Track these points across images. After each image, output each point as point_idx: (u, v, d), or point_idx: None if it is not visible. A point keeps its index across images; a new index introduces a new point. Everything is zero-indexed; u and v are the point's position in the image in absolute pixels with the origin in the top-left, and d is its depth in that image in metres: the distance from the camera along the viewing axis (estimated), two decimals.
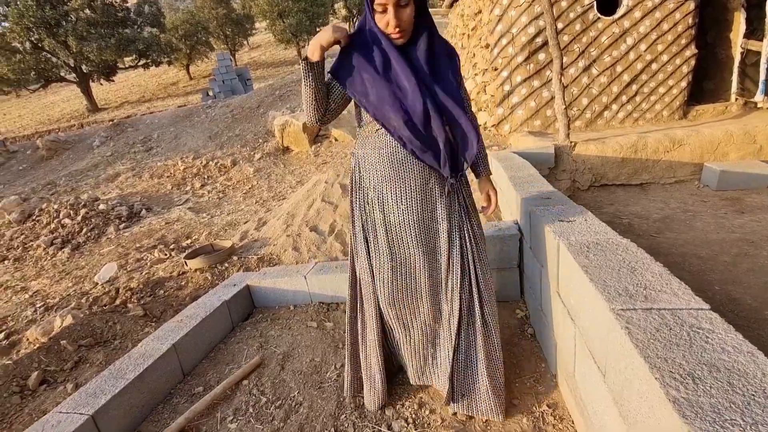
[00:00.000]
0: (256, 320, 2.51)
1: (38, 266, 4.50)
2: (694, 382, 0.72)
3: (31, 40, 18.98)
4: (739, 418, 0.64)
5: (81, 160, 8.85)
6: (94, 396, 1.66)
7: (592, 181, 4.33)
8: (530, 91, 5.60)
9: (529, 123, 5.71)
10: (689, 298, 0.99)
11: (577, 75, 5.53)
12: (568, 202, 1.98)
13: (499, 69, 5.84)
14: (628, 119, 5.70)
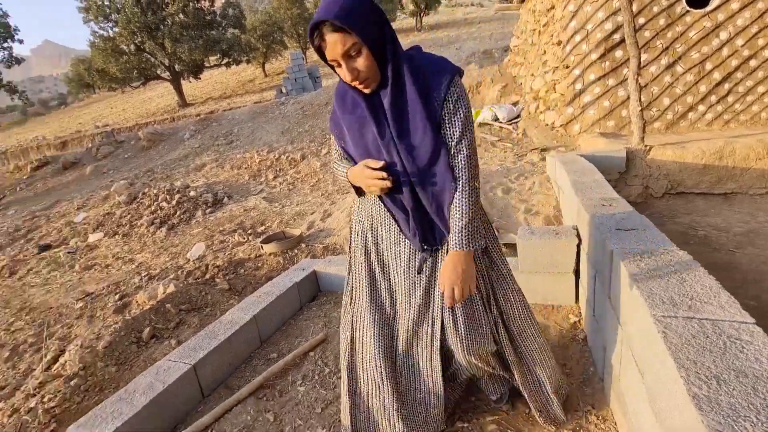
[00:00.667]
0: (321, 302, 2.79)
1: (142, 242, 5.27)
2: (717, 383, 0.80)
3: (135, 42, 21.55)
4: (753, 416, 0.72)
5: (174, 151, 10.00)
6: (194, 350, 2.02)
7: (667, 188, 4.07)
8: (604, 90, 5.34)
9: (601, 123, 5.45)
10: (735, 312, 1.03)
11: (658, 73, 5.17)
12: (630, 210, 1.98)
13: (570, 67, 5.63)
14: (717, 121, 5.21)
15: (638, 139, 4.03)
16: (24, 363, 2.88)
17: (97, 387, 2.08)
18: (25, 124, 41.03)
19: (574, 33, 5.42)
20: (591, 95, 5.42)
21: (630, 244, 1.52)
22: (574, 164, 3.39)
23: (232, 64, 24.12)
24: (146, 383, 1.79)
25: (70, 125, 27.08)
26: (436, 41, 25.79)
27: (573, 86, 5.52)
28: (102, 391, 2.06)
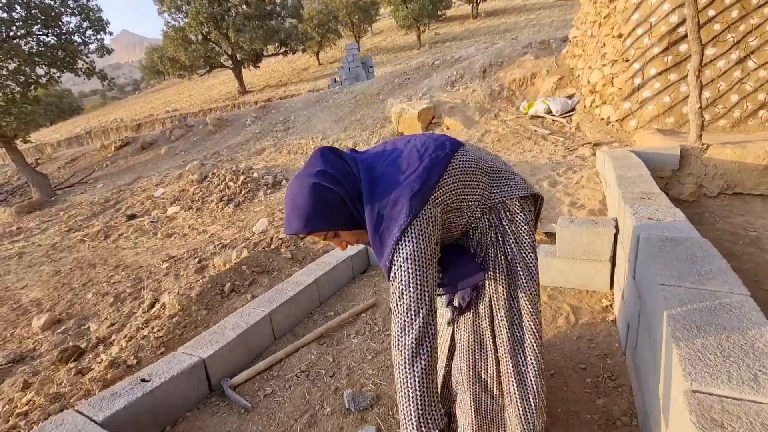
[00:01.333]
0: (371, 274, 3.13)
1: (212, 216, 5.92)
2: (698, 330, 1.01)
3: (202, 32, 23.06)
4: (718, 352, 0.93)
5: (237, 135, 10.81)
6: (268, 302, 2.44)
7: (723, 188, 3.96)
8: (665, 85, 5.18)
9: (659, 120, 5.30)
10: (735, 286, 1.20)
11: (727, 68, 4.93)
12: (666, 203, 2.10)
13: (630, 60, 5.50)
14: None
15: (695, 136, 3.95)
16: (126, 307, 3.50)
17: (193, 325, 2.57)
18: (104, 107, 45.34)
19: (636, 26, 5.28)
20: (650, 90, 5.27)
21: (657, 231, 1.68)
22: (623, 160, 3.44)
23: (288, 53, 25.12)
24: (233, 322, 2.22)
25: (143, 109, 29.65)
26: (492, 29, 25.14)
27: (632, 80, 5.39)
28: (196, 328, 2.54)
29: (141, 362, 2.24)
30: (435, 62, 11.17)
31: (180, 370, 1.84)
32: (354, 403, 1.75)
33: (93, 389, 2.00)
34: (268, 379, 2.02)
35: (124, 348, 2.42)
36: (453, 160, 1.09)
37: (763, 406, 0.79)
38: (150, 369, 1.87)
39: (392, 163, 1.07)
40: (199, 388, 1.92)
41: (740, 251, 2.92)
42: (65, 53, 9.89)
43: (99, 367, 2.23)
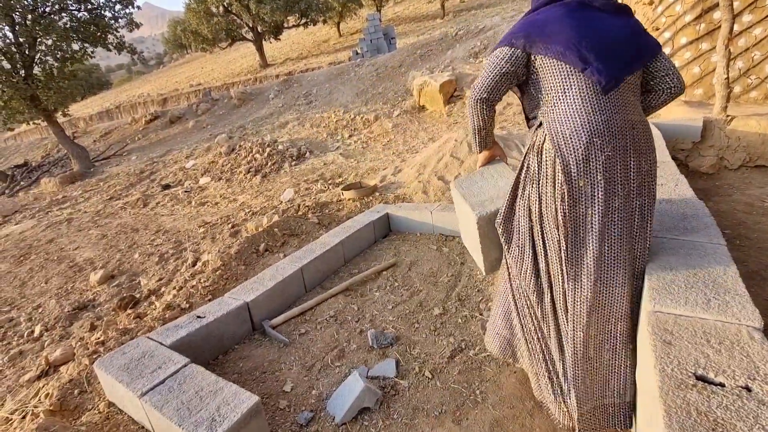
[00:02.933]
0: (392, 239, 3.37)
1: (241, 186, 6.26)
2: (671, 269, 1.20)
3: (223, 5, 23.04)
4: (683, 285, 1.12)
5: (261, 109, 11.06)
6: (299, 259, 2.72)
7: (744, 161, 3.95)
8: (696, 54, 5.06)
9: (688, 91, 5.21)
10: (714, 238, 1.37)
11: (763, 36, 4.76)
12: (673, 171, 2.22)
13: (660, 29, 5.35)
14: None
15: (720, 108, 3.92)
16: (170, 265, 3.89)
17: (234, 278, 2.90)
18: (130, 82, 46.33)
19: None
20: (680, 60, 5.16)
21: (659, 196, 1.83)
22: None
23: (309, 24, 24.87)
24: (270, 275, 2.52)
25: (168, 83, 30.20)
26: None
27: None
28: (237, 281, 2.87)
29: (192, 306, 2.58)
30: (458, 32, 10.97)
31: (228, 310, 2.15)
32: (377, 341, 2.03)
33: (155, 326, 2.35)
34: (301, 322, 2.32)
35: (177, 295, 2.77)
36: None
37: (707, 320, 0.98)
38: (203, 309, 2.19)
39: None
40: (244, 326, 2.24)
41: (752, 221, 2.99)
42: (97, 28, 10.23)
43: (157, 310, 2.58)
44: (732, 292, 1.06)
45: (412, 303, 2.41)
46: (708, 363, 0.84)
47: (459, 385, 1.74)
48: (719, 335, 0.92)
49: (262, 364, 2.00)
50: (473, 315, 2.23)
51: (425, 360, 1.92)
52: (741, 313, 0.98)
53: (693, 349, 0.89)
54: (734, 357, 0.85)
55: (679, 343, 0.91)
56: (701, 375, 0.82)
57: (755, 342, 0.88)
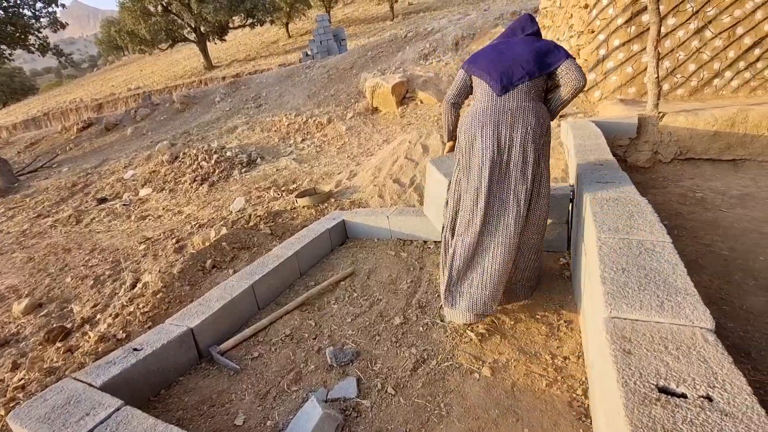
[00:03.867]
0: (349, 246, 3.27)
1: (187, 197, 5.87)
2: (623, 271, 1.20)
3: (162, 4, 21.76)
4: (636, 287, 1.12)
5: (206, 114, 10.51)
6: (250, 275, 2.54)
7: (676, 154, 4.25)
8: (628, 55, 5.38)
9: (622, 90, 5.53)
10: (659, 235, 1.40)
11: (686, 38, 5.16)
12: (615, 168, 2.30)
13: (595, 32, 5.65)
14: (744, 88, 5.21)
15: (652, 105, 4.18)
16: (107, 289, 3.53)
17: (177, 300, 2.66)
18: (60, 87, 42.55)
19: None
20: (614, 61, 5.47)
21: (603, 193, 1.87)
22: (583, 129, 3.64)
23: (256, 25, 24.09)
24: (218, 295, 2.33)
25: (103, 88, 28.05)
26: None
27: (597, 52, 5.57)
28: (181, 303, 2.63)
29: (130, 336, 2.33)
30: (408, 35, 11.05)
31: (169, 339, 1.95)
32: (336, 359, 1.92)
33: (86, 362, 2.09)
34: (254, 344, 2.16)
35: (112, 324, 2.50)
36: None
37: (663, 324, 0.98)
38: (141, 340, 1.97)
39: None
40: (189, 355, 2.04)
41: (686, 211, 3.21)
42: (15, 28, 9.24)
43: (89, 343, 2.30)
44: (683, 292, 1.07)
45: (372, 314, 2.32)
46: (668, 372, 0.83)
47: (423, 400, 1.68)
48: (676, 340, 0.91)
49: (211, 396, 1.83)
50: (434, 322, 2.18)
51: (387, 375, 1.84)
52: (693, 315, 0.98)
53: (653, 358, 0.87)
54: (692, 363, 0.84)
55: (638, 351, 0.90)
56: (663, 386, 0.80)
57: (710, 345, 0.88)
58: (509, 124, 1.80)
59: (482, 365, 1.81)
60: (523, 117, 1.79)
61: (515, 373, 1.74)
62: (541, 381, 1.68)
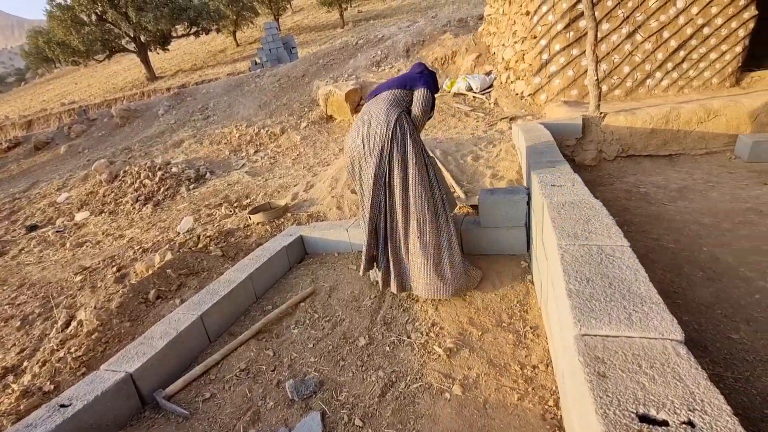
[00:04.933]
0: (308, 263, 3.11)
1: (129, 218, 5.43)
2: (587, 282, 1.16)
3: (96, 12, 20.37)
4: (602, 299, 1.08)
5: (150, 128, 9.88)
6: (199, 305, 2.33)
7: (619, 152, 4.47)
8: (569, 60, 5.62)
9: (565, 92, 5.76)
10: (617, 239, 1.39)
11: (619, 42, 5.46)
12: (567, 170, 2.33)
13: (537, 37, 5.86)
14: (672, 87, 5.59)
15: (594, 107, 4.38)
16: (36, 330, 3.13)
17: (116, 339, 2.38)
18: None
19: (540, 3, 5.62)
20: (556, 65, 5.69)
21: (559, 197, 1.87)
22: (533, 131, 3.72)
23: (201, 34, 23.17)
24: (161, 331, 2.10)
25: (33, 103, 25.76)
26: (414, 6, 25.26)
27: (540, 56, 5.77)
28: (120, 342, 2.36)
29: (59, 387, 2.04)
30: (359, 42, 11.03)
31: (104, 389, 1.71)
32: (297, 393, 1.77)
33: (4, 425, 1.79)
34: (205, 383, 1.96)
35: (38, 374, 2.19)
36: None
37: (634, 340, 0.94)
38: (69, 393, 1.72)
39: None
40: (130, 404, 1.81)
41: (633, 206, 3.35)
42: None
43: (10, 399, 1.99)
44: (648, 301, 1.05)
45: (335, 336, 2.19)
46: (646, 396, 0.78)
47: (393, 429, 1.57)
48: (648, 357, 0.87)
49: None
50: (401, 339, 2.09)
51: (354, 404, 1.71)
52: (662, 326, 0.95)
53: (629, 380, 0.82)
54: (669, 384, 0.79)
55: (613, 373, 0.84)
56: (644, 414, 0.74)
57: (682, 360, 0.85)
58: (368, 122, 2.31)
59: (453, 383, 1.74)
60: (379, 114, 2.28)
61: (486, 388, 1.68)
62: (512, 395, 1.63)
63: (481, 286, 2.40)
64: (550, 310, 1.63)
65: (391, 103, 2.31)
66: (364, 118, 2.32)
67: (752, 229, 2.66)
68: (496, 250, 2.75)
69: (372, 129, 2.26)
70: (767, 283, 2.08)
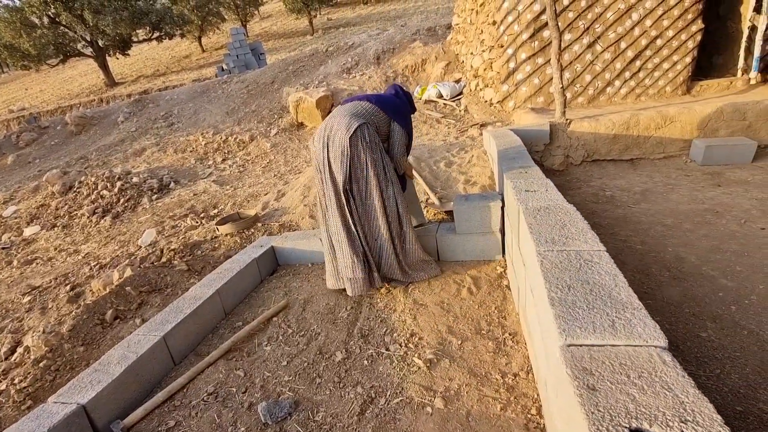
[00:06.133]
0: (281, 275, 2.99)
1: (85, 232, 5.08)
2: (569, 289, 1.14)
3: (48, 14, 19.31)
4: (585, 306, 1.07)
5: (108, 135, 9.38)
6: (161, 324, 2.17)
7: (584, 157, 4.62)
8: (534, 68, 5.78)
9: (532, 100, 5.92)
10: (594, 244, 1.39)
11: (581, 52, 5.67)
12: (540, 175, 2.36)
13: (504, 46, 6.01)
14: (631, 95, 5.85)
15: (560, 113, 4.51)
16: None
17: (68, 366, 2.18)
18: None
19: (506, 13, 5.76)
20: (523, 73, 5.84)
21: (534, 203, 1.87)
22: (504, 138, 3.78)
23: (164, 38, 22.42)
24: (119, 355, 1.93)
25: None
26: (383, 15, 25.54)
27: (507, 65, 5.91)
28: (73, 369, 2.16)
29: (1, 424, 1.83)
30: (329, 49, 10.97)
31: (52, 425, 1.54)
32: (270, 416, 1.66)
33: None
34: (169, 410, 1.81)
35: None
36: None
37: (620, 348, 0.92)
38: (12, 430, 1.54)
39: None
40: None
41: (600, 209, 3.45)
42: None
43: None
44: (629, 307, 1.04)
45: (310, 352, 2.09)
46: (638, 409, 0.75)
47: None
48: (636, 366, 0.86)
49: None
50: (379, 352, 2.02)
51: (332, 425, 1.63)
52: (646, 333, 0.94)
53: (619, 392, 0.80)
54: (658, 394, 0.77)
55: (602, 386, 0.82)
56: (636, 428, 0.72)
57: (669, 368, 0.83)
58: (331, 127, 2.38)
59: (434, 396, 1.69)
60: (343, 118, 2.36)
61: (468, 400, 1.64)
62: (495, 405, 1.59)
63: (458, 294, 2.38)
64: (530, 317, 1.61)
65: (356, 113, 2.34)
66: (328, 124, 2.36)
67: (710, 228, 2.78)
68: (473, 256, 2.74)
69: (333, 134, 2.30)
70: (728, 281, 2.17)
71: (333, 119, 2.37)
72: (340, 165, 2.28)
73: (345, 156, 2.26)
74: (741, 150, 4.04)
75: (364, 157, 2.28)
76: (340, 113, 2.37)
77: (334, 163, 2.30)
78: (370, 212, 2.39)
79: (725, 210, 3.01)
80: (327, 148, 2.31)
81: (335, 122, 2.33)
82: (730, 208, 3.04)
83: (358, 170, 2.31)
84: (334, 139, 2.29)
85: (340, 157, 2.27)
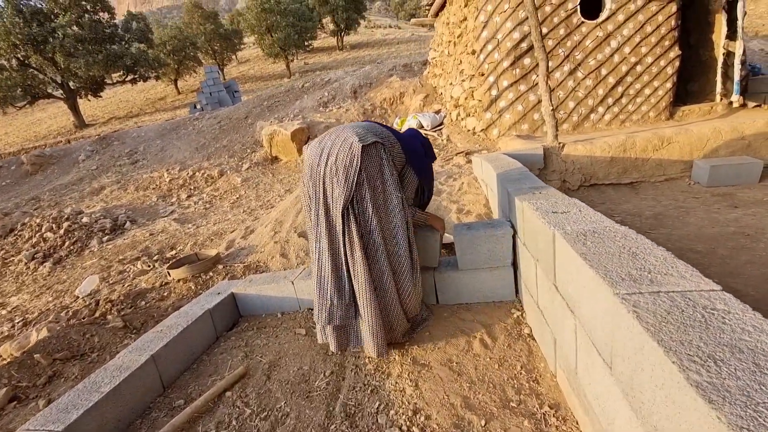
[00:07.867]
0: (242, 329, 2.39)
1: (19, 281, 4.32)
2: (716, 364, 0.65)
3: (17, 57, 18.80)
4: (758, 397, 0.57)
5: (66, 175, 8.66)
6: (65, 411, 1.54)
7: (582, 181, 4.31)
8: (517, 95, 5.61)
9: (516, 127, 5.71)
10: (698, 280, 0.92)
11: (562, 79, 5.56)
12: (560, 195, 1.93)
13: (485, 74, 5.87)
14: (615, 121, 5.72)
15: (552, 137, 4.23)
16: None
17: None
18: None
19: (486, 42, 5.66)
20: (506, 101, 5.66)
21: (573, 225, 1.42)
22: (499, 161, 3.41)
23: (138, 81, 22.11)
24: None
25: None
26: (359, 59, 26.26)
27: (489, 92, 5.73)
28: None
29: None
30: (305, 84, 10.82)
31: None
32: None
33: None
34: None
35: None
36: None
37: None
38: None
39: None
40: None
41: None
42: None
43: None
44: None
45: None
46: None
47: None
48: None
49: None
50: None
51: None
52: None
53: None
54: None
55: None
56: None
57: None
58: (326, 150, 1.94)
59: None
60: (339, 139, 1.88)
61: None
62: None
63: (469, 348, 1.85)
64: (596, 389, 1.10)
65: (373, 131, 1.87)
66: (331, 133, 1.89)
67: (752, 254, 2.40)
68: (480, 298, 2.24)
69: (338, 141, 1.80)
70: None
71: (339, 129, 1.89)
72: (344, 180, 1.73)
73: (353, 168, 1.72)
74: (747, 169, 3.81)
75: (376, 173, 1.77)
76: (350, 125, 1.91)
77: (333, 177, 1.76)
78: (370, 245, 1.82)
79: (758, 233, 2.66)
80: (326, 160, 1.79)
81: (341, 131, 1.85)
82: (761, 230, 2.68)
83: (365, 188, 1.75)
84: (336, 147, 1.77)
85: (344, 171, 1.73)
